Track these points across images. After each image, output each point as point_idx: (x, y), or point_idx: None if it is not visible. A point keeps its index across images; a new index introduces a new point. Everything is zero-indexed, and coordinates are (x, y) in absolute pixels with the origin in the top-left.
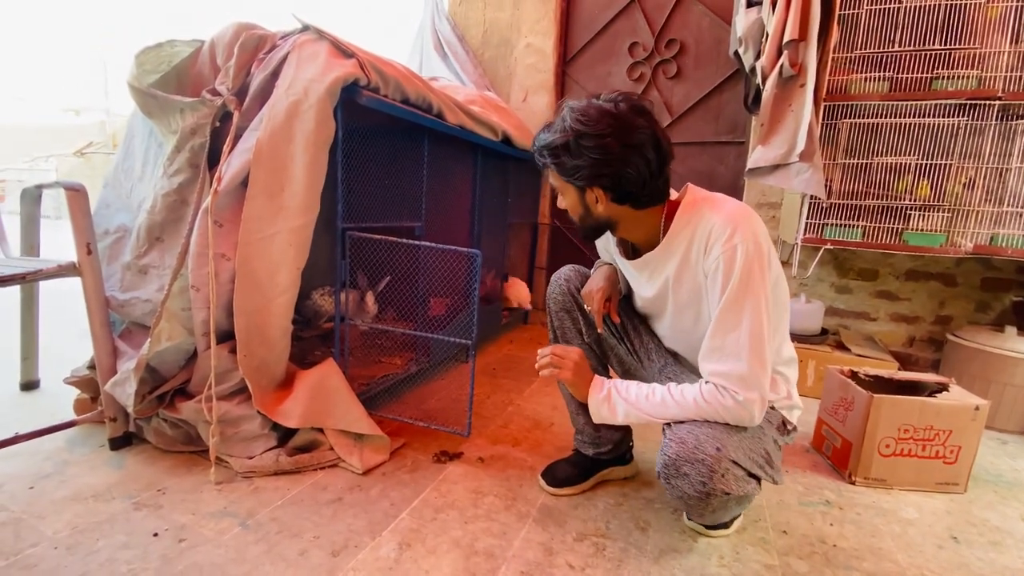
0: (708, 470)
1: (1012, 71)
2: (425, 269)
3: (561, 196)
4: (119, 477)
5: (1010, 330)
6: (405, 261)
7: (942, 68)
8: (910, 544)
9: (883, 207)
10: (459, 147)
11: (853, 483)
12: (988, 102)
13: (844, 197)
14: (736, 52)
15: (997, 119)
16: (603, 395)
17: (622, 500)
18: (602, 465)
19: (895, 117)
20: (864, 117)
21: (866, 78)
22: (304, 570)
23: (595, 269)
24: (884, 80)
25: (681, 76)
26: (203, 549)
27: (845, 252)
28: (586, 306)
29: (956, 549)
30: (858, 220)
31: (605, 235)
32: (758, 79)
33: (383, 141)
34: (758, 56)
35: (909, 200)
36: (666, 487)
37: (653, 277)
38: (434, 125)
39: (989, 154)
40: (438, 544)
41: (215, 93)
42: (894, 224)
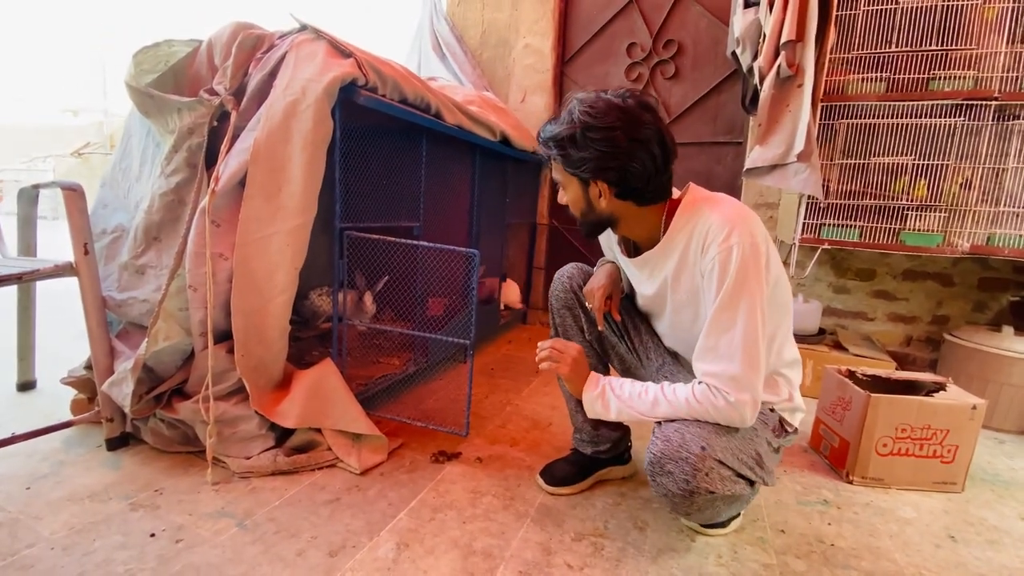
0: (692, 468)
1: (1008, 71)
2: (423, 269)
3: (563, 190)
4: (116, 477)
5: (1007, 330)
6: (403, 261)
7: (938, 69)
8: (908, 543)
9: (880, 207)
10: (457, 147)
11: (851, 482)
12: (984, 102)
13: (841, 197)
14: (734, 53)
15: (993, 119)
16: (597, 392)
17: (620, 500)
18: (600, 464)
19: (892, 118)
20: (861, 117)
21: (863, 79)
22: (301, 570)
23: (598, 267)
24: (881, 81)
25: (679, 77)
26: (200, 550)
27: (842, 252)
28: (587, 304)
29: (954, 548)
30: (855, 220)
31: (608, 233)
32: (756, 80)
33: (381, 141)
34: (755, 57)
35: (906, 200)
36: (652, 484)
37: (653, 275)
38: (432, 125)
39: (985, 154)
40: (436, 544)
41: (213, 93)
42: (891, 224)
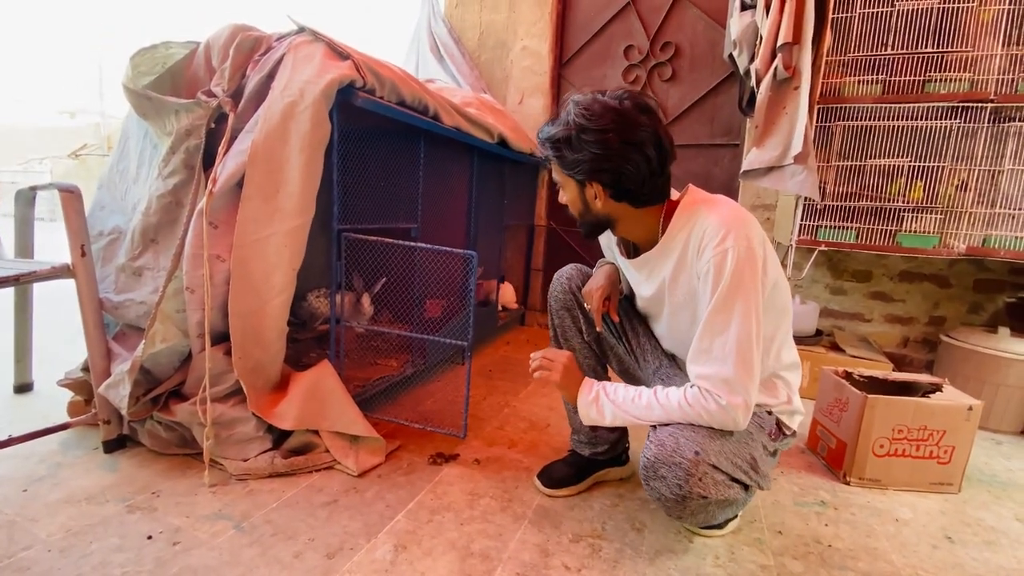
0: (685, 473)
1: (1004, 74)
2: (421, 271)
3: (562, 190)
4: (113, 480)
5: (1003, 331)
6: (401, 263)
7: (934, 71)
8: (905, 544)
9: (876, 209)
10: (455, 149)
11: (848, 483)
12: (980, 105)
13: (838, 199)
14: (731, 55)
15: (989, 121)
16: (591, 397)
17: (618, 501)
18: (598, 466)
19: (888, 120)
20: (857, 120)
21: (859, 81)
22: (299, 573)
23: (597, 268)
24: (877, 83)
25: (676, 79)
26: (197, 552)
27: (839, 254)
28: (586, 305)
29: (951, 549)
30: (852, 222)
31: (608, 234)
32: (752, 82)
33: (379, 143)
34: (752, 59)
35: (902, 202)
36: (646, 488)
37: (651, 277)
38: (430, 127)
39: (981, 156)
40: (434, 546)
41: (210, 95)
42: (887, 226)
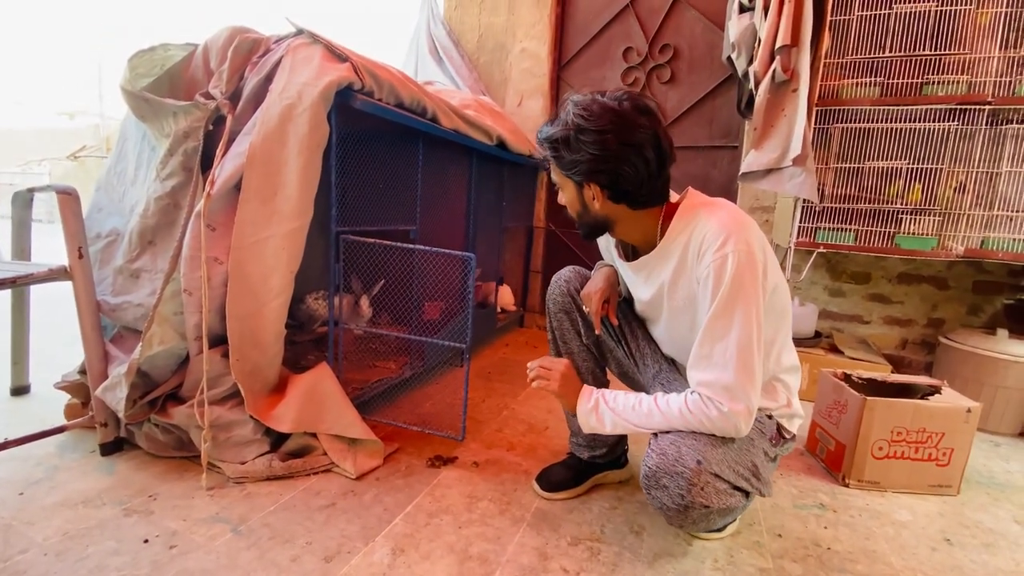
0: (687, 483)
1: (1001, 76)
2: (419, 273)
3: (561, 191)
4: (110, 483)
5: (1002, 333)
6: (399, 265)
7: (932, 73)
8: (904, 546)
9: (875, 211)
10: (454, 151)
11: (847, 486)
12: (978, 107)
13: (836, 201)
14: (729, 57)
15: (987, 124)
16: (591, 405)
17: (617, 504)
18: (597, 469)
19: (886, 122)
20: (856, 122)
21: (857, 83)
22: None
23: (595, 270)
24: (875, 85)
25: (675, 81)
26: (194, 555)
27: (838, 255)
28: (584, 308)
29: (949, 551)
30: (850, 224)
31: (606, 236)
32: (751, 84)
33: (377, 145)
34: (751, 61)
35: (901, 204)
36: (647, 497)
37: (650, 280)
38: (429, 129)
39: (979, 158)
40: (432, 549)
41: (208, 97)
42: (886, 228)
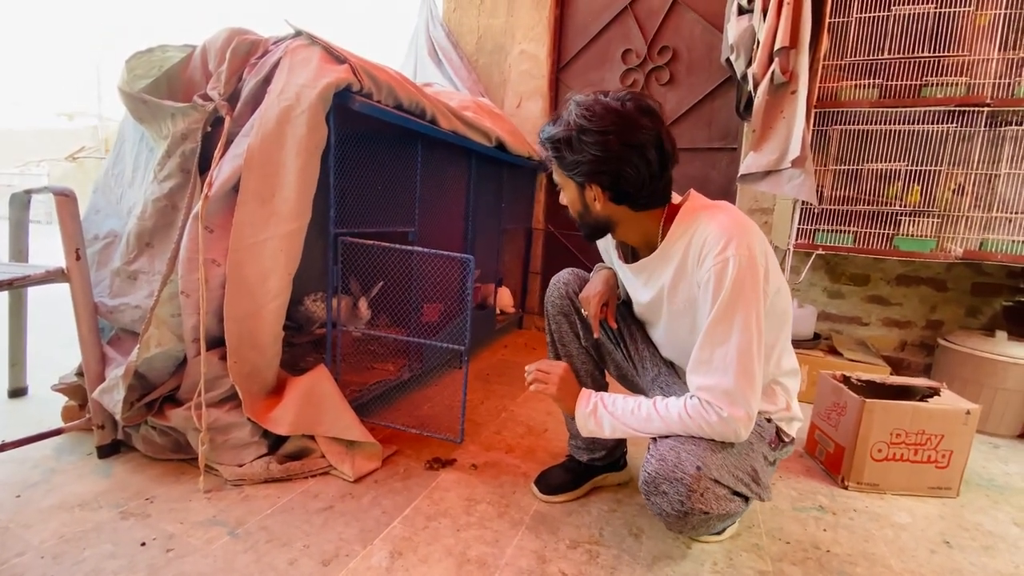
0: (687, 489)
1: (1000, 78)
2: (418, 274)
3: (562, 191)
4: (107, 485)
5: (1001, 334)
6: (398, 266)
7: (931, 75)
8: (903, 549)
9: (874, 212)
10: (453, 153)
11: (846, 488)
12: (977, 109)
13: (835, 203)
14: (728, 59)
15: (986, 126)
16: (589, 409)
17: (616, 507)
18: (596, 471)
19: (885, 124)
20: (854, 123)
21: (856, 85)
22: None
23: (594, 272)
24: (874, 87)
25: (674, 83)
26: (191, 559)
27: (837, 257)
28: (583, 310)
29: (949, 554)
30: (849, 225)
31: (606, 238)
32: (750, 86)
33: (376, 146)
34: (750, 63)
35: (899, 206)
36: (647, 503)
37: (649, 283)
38: (427, 131)
39: (978, 160)
40: (430, 552)
41: (207, 98)
42: (885, 229)
